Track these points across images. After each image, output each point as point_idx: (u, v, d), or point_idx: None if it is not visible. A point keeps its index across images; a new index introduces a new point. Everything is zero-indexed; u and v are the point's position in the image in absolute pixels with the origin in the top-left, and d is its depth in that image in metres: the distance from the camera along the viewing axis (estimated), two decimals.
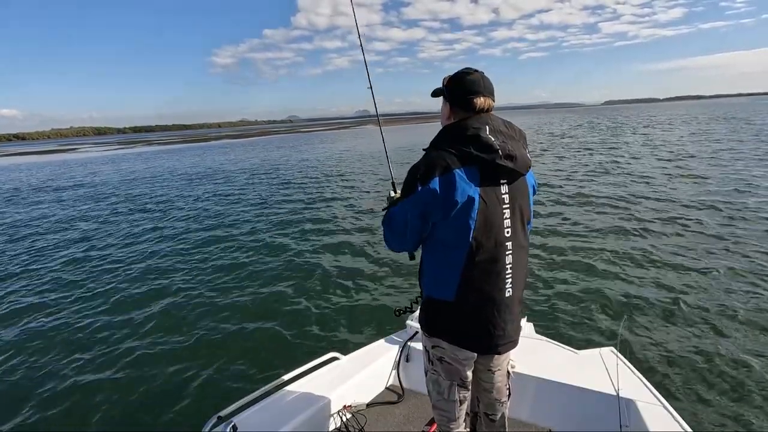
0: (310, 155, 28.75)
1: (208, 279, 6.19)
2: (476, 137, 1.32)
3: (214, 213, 11.12)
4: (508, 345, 1.47)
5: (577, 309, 4.55)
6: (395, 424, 2.21)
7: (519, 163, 1.36)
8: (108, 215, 11.75)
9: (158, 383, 3.73)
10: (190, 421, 3.16)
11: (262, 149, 39.32)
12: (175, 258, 7.36)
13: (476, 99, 1.38)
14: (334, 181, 15.86)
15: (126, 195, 15.45)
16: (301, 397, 2.11)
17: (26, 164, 39.68)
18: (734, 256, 5.67)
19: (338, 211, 10.47)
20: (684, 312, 4.33)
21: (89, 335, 4.71)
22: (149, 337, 4.56)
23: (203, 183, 17.52)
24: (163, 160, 32.83)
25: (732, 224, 7.08)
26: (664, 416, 1.79)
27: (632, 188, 10.64)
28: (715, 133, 24.65)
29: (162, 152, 45.50)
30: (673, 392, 3.14)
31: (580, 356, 2.28)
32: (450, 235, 1.35)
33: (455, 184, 1.29)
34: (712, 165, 13.32)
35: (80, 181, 20.97)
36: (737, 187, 9.84)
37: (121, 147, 72.69)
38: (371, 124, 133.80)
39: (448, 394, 1.55)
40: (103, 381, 3.84)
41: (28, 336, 4.81)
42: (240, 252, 7.44)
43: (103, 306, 5.48)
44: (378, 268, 6.23)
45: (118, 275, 6.63)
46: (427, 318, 1.51)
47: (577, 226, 7.71)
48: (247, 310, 5.07)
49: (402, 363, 2.49)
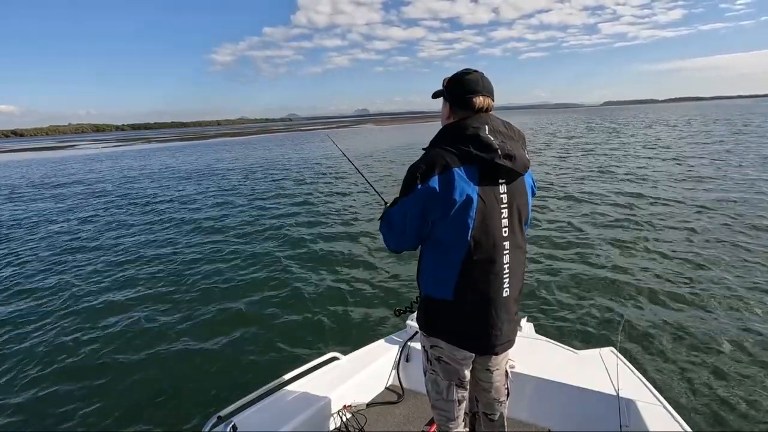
0: (308, 154, 28.74)
1: (208, 279, 6.17)
2: (476, 136, 1.32)
3: (213, 214, 11.10)
4: (505, 345, 1.48)
5: (577, 309, 4.56)
6: (395, 424, 2.21)
7: (518, 163, 1.36)
8: (109, 212, 11.73)
9: (158, 383, 3.73)
10: (190, 421, 3.16)
11: (261, 148, 39.31)
12: (174, 258, 7.35)
13: (475, 98, 1.39)
14: (333, 181, 15.85)
15: (124, 193, 15.42)
16: (301, 397, 2.11)
17: (26, 161, 39.54)
18: (735, 256, 5.68)
19: (338, 211, 10.47)
20: (684, 312, 4.34)
21: (89, 335, 4.70)
22: (149, 338, 4.55)
23: (201, 182, 17.50)
24: (162, 158, 32.75)
25: (733, 225, 7.08)
26: (664, 416, 1.79)
27: (632, 188, 10.66)
28: (717, 134, 24.69)
29: (160, 150, 45.40)
30: (673, 392, 3.15)
31: (580, 356, 2.28)
32: (449, 234, 1.35)
33: (454, 183, 1.30)
34: (713, 165, 13.35)
35: (78, 179, 20.89)
36: (739, 188, 9.85)
37: (120, 144, 72.53)
38: (370, 123, 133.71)
39: (446, 393, 1.56)
40: (103, 381, 3.83)
41: (28, 336, 4.80)
42: (239, 253, 7.42)
43: (103, 305, 5.47)
44: (378, 268, 6.23)
45: (119, 275, 6.61)
46: (426, 318, 1.51)
47: (577, 226, 7.72)
48: (247, 311, 5.06)
49: (402, 363, 2.48)
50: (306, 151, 32.25)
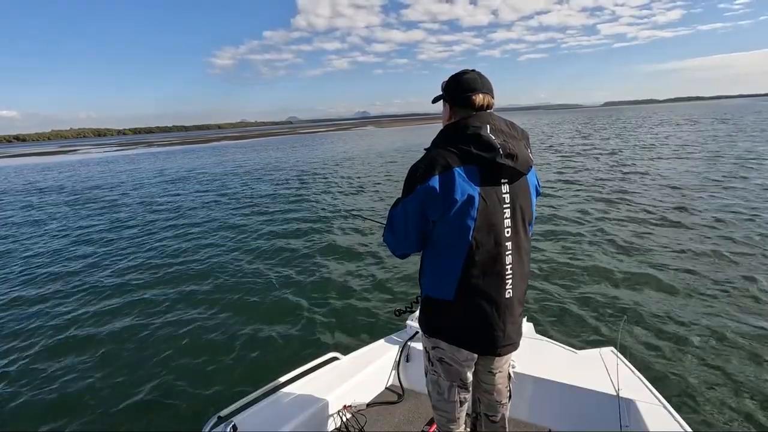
0: (309, 157, 28.78)
1: (207, 279, 6.18)
2: (477, 136, 1.31)
3: (212, 216, 11.11)
4: (508, 347, 1.46)
5: (577, 309, 4.55)
6: (395, 424, 2.21)
7: (520, 162, 1.34)
8: (116, 214, 11.76)
9: (158, 383, 3.73)
10: (190, 421, 3.16)
11: (262, 151, 39.33)
12: (174, 259, 7.35)
13: (475, 96, 1.38)
14: (334, 182, 15.86)
15: (130, 196, 15.46)
16: (301, 397, 2.11)
17: (33, 165, 39.65)
18: (735, 257, 5.66)
19: (338, 212, 10.47)
20: (684, 312, 4.33)
21: (89, 335, 4.71)
22: (149, 338, 4.55)
23: (203, 185, 17.52)
24: (163, 161, 32.82)
25: (735, 226, 7.07)
26: (664, 416, 1.79)
27: (632, 189, 10.64)
28: (719, 134, 24.65)
29: (161, 154, 45.49)
30: (673, 392, 3.14)
31: (580, 356, 2.28)
32: (450, 235, 1.34)
33: (454, 183, 1.28)
34: (714, 167, 13.32)
35: (83, 184, 20.97)
36: (743, 189, 9.81)
37: (122, 148, 72.65)
38: (370, 125, 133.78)
39: (448, 395, 1.55)
40: (103, 381, 3.83)
41: (28, 336, 4.80)
42: (239, 253, 7.43)
43: (103, 305, 5.47)
44: (378, 268, 6.23)
45: (119, 274, 6.62)
46: (427, 318, 1.50)
47: (577, 226, 7.71)
48: (248, 311, 5.06)
49: (402, 363, 2.49)
50: (306, 153, 32.30)
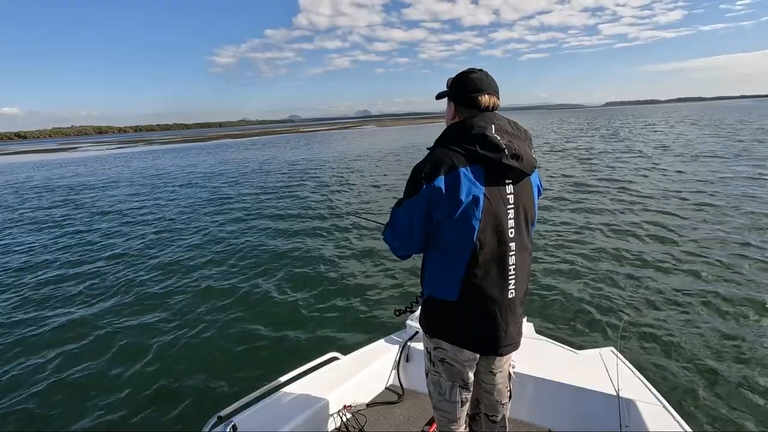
0: (310, 155, 28.77)
1: (207, 279, 6.18)
2: (482, 136, 1.30)
3: (212, 217, 11.11)
4: (510, 347, 1.46)
5: (577, 309, 4.55)
6: (395, 424, 2.21)
7: (524, 163, 1.34)
8: (121, 211, 11.77)
9: (158, 383, 3.73)
10: (190, 421, 3.16)
11: (262, 149, 39.35)
12: (173, 259, 7.36)
13: (481, 97, 1.37)
14: (334, 182, 15.86)
15: (127, 193, 15.48)
16: (301, 397, 2.11)
17: (33, 162, 39.69)
18: (735, 257, 5.65)
19: (338, 211, 10.46)
20: (685, 312, 4.32)
21: (89, 335, 4.71)
22: (148, 338, 4.55)
23: (204, 184, 17.54)
24: (164, 160, 32.82)
25: (736, 227, 7.06)
26: (664, 416, 1.79)
27: (633, 189, 10.63)
28: (720, 134, 24.61)
29: (162, 151, 45.49)
30: (673, 392, 3.14)
31: (580, 356, 2.28)
32: (454, 235, 1.33)
33: (460, 183, 1.27)
34: (714, 166, 13.30)
35: (82, 181, 20.98)
36: (744, 189, 9.80)
37: (123, 146, 72.72)
38: (372, 124, 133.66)
39: (449, 395, 1.54)
40: (103, 380, 3.84)
41: (27, 336, 4.81)
42: (239, 252, 7.43)
43: (103, 304, 5.48)
44: (378, 268, 6.22)
45: (119, 274, 6.62)
46: (428, 318, 1.49)
47: (578, 226, 7.70)
48: (248, 310, 5.06)
49: (402, 363, 2.48)
50: (306, 152, 32.29)
